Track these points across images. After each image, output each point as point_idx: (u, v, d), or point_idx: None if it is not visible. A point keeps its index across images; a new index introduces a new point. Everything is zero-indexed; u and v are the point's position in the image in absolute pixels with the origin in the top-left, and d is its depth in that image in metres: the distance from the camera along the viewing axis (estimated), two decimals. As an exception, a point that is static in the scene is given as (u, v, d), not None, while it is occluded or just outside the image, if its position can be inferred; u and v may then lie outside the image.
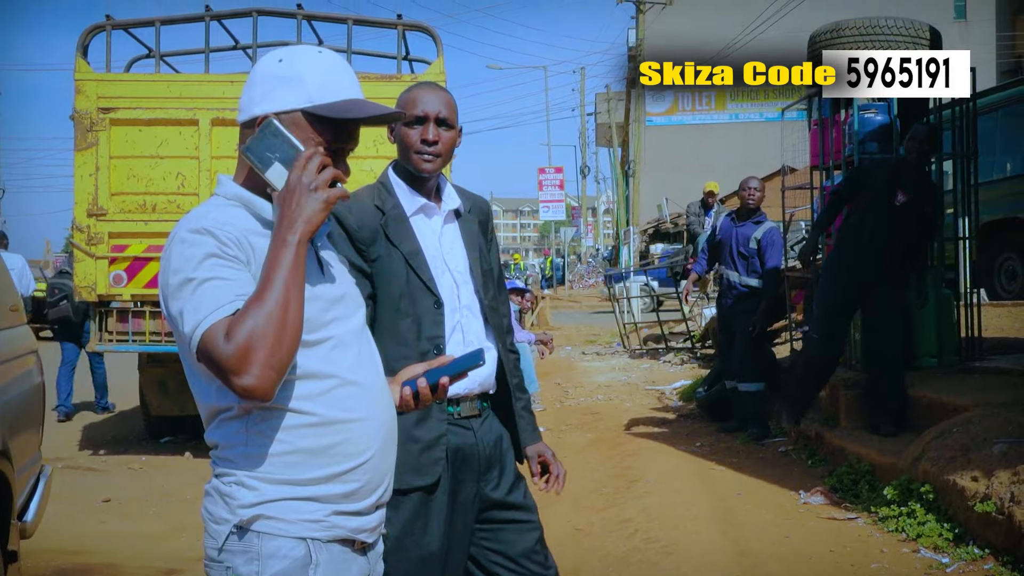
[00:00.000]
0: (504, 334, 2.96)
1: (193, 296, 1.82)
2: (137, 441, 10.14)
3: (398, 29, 9.10)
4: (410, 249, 2.79)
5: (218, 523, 1.91)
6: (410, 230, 2.81)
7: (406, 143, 2.80)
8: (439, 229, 2.86)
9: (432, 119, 2.77)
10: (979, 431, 5.32)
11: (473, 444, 2.81)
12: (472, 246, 2.90)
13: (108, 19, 8.87)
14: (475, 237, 2.92)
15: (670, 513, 5.84)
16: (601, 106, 45.17)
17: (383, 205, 2.82)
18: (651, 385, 11.55)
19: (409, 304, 2.77)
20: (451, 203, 2.89)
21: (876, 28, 7.53)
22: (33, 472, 4.77)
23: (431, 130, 2.77)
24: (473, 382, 2.78)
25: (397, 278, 2.77)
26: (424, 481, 2.72)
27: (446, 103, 2.81)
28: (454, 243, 2.88)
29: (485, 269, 2.91)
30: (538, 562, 2.87)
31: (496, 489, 2.85)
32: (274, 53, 2.03)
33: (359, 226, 2.78)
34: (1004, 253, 12.18)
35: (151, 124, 8.58)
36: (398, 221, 2.80)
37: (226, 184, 2.02)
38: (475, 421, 2.83)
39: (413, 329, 2.77)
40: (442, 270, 2.82)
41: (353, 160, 8.21)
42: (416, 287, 2.77)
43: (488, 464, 2.84)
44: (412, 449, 2.71)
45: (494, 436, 2.88)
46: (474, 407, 2.83)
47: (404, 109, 2.78)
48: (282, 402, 1.89)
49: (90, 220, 8.51)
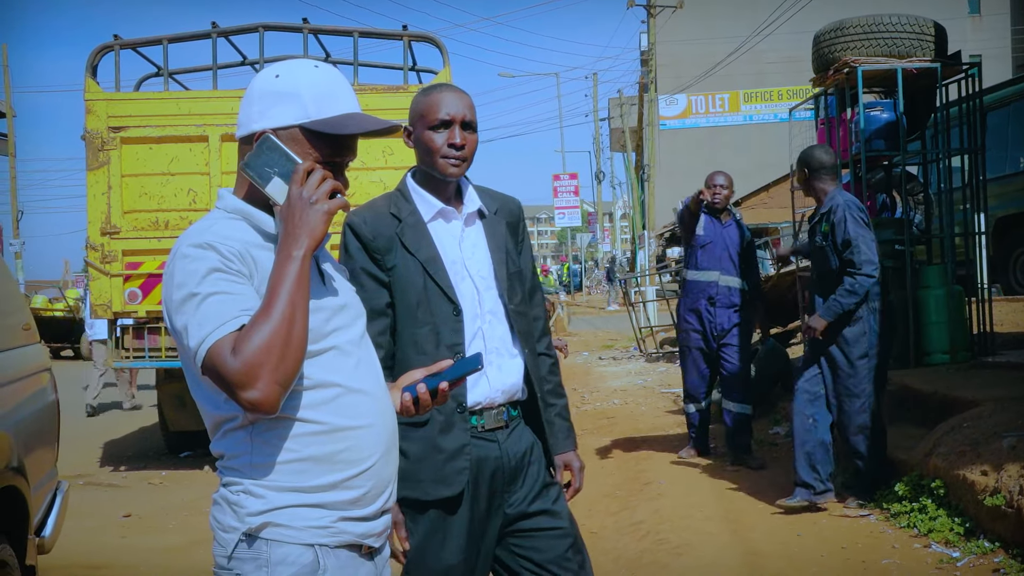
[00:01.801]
0: (534, 338, 2.89)
1: (197, 311, 1.84)
2: (157, 456, 10.23)
3: (404, 40, 9.17)
4: (427, 255, 2.73)
5: (227, 531, 1.94)
6: (428, 236, 2.75)
7: (431, 147, 2.72)
8: (459, 233, 2.80)
9: (458, 122, 2.71)
10: (989, 426, 5.32)
11: (498, 457, 2.74)
12: (498, 248, 2.82)
13: (116, 39, 8.96)
14: (501, 239, 2.84)
15: (682, 515, 5.85)
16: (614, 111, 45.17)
17: (399, 212, 2.77)
18: (666, 388, 11.55)
19: (427, 312, 2.72)
20: (473, 205, 2.82)
21: (880, 26, 7.54)
22: (50, 488, 4.84)
23: (458, 133, 2.70)
24: (494, 391, 2.74)
25: (414, 286, 2.72)
26: (449, 491, 2.69)
27: (469, 106, 2.75)
28: (477, 246, 2.81)
29: (512, 271, 2.83)
30: (571, 569, 2.80)
31: (521, 500, 2.78)
32: (271, 69, 2.04)
33: (374, 235, 2.74)
34: (1019, 248, 12.13)
35: (161, 142, 8.68)
36: (415, 228, 2.75)
37: (227, 198, 2.04)
38: (501, 433, 2.76)
39: (432, 338, 2.72)
40: (462, 275, 2.76)
41: (363, 171, 8.29)
42: (434, 294, 2.72)
43: (513, 476, 2.77)
44: (437, 459, 2.69)
45: (523, 447, 2.80)
46: (499, 418, 2.76)
47: (425, 112, 2.73)
48: (287, 411, 1.91)
49: (104, 239, 8.61)
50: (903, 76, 7.51)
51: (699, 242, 7.29)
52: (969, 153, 8.12)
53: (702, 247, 7.28)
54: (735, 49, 29.35)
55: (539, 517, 2.80)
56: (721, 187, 7.24)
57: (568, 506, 2.88)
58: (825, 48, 7.86)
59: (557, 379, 3.00)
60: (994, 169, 11.57)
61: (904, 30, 7.51)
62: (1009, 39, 37.66)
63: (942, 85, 7.85)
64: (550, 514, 2.81)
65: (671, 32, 34.29)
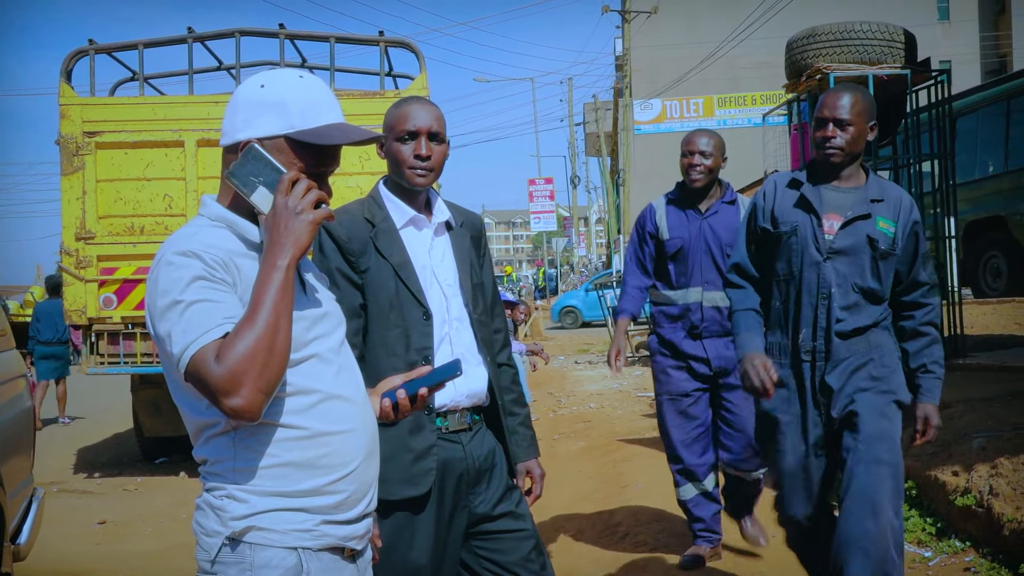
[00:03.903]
0: (495, 349, 2.97)
1: (181, 318, 1.85)
2: (131, 463, 10.17)
3: (380, 46, 9.18)
4: (399, 260, 2.81)
5: (210, 536, 1.95)
6: (400, 242, 2.83)
7: (398, 158, 2.82)
8: (429, 242, 2.88)
9: (424, 134, 2.80)
10: (959, 427, 5.41)
11: (462, 458, 2.81)
12: (463, 259, 2.91)
13: (91, 43, 8.92)
14: (466, 251, 2.93)
15: (659, 517, 5.90)
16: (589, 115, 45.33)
17: (373, 218, 2.84)
18: (643, 392, 11.60)
19: (398, 315, 2.79)
20: (441, 216, 2.90)
21: (851, 33, 7.62)
22: (25, 495, 4.82)
23: (424, 145, 2.79)
24: (459, 395, 2.80)
25: (386, 289, 2.79)
26: (416, 491, 2.74)
27: (436, 117, 2.83)
28: (444, 256, 2.89)
29: (475, 283, 2.92)
30: (533, 571, 2.85)
31: (485, 502, 2.85)
32: (256, 78, 2.06)
33: (348, 237, 2.81)
34: (989, 251, 12.29)
35: (137, 147, 8.64)
36: (388, 233, 2.83)
37: (210, 205, 2.06)
38: (464, 435, 2.83)
39: (402, 340, 2.78)
40: (431, 282, 2.83)
41: (339, 176, 8.25)
42: (405, 298, 2.79)
43: (477, 478, 2.84)
44: (405, 459, 2.74)
45: (486, 450, 2.87)
46: (463, 421, 2.83)
47: (394, 124, 2.82)
48: (269, 417, 1.93)
49: (79, 244, 8.57)
50: (874, 83, 7.59)
51: (667, 249, 4.97)
52: (939, 158, 8.23)
53: (672, 256, 4.97)
54: (710, 54, 29.51)
55: (503, 519, 2.86)
56: (702, 154, 4.89)
57: (549, 505, 2.95)
58: (797, 54, 7.94)
59: (519, 390, 3.07)
60: (964, 174, 11.73)
61: (875, 37, 7.60)
62: (978, 45, 38.07)
63: (912, 91, 7.95)
64: (513, 516, 2.88)
65: (646, 37, 34.40)
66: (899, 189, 3.65)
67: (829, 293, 3.52)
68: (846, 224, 3.52)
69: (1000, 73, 32.36)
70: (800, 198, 3.59)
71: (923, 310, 3.60)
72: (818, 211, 3.54)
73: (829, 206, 3.56)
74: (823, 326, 3.53)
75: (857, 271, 3.52)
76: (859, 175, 3.63)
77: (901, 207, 3.57)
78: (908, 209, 3.57)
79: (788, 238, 3.60)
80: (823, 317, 3.53)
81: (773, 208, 3.68)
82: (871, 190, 3.57)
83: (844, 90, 3.56)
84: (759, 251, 3.74)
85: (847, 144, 3.52)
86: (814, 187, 3.60)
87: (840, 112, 3.51)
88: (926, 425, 3.52)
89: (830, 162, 3.55)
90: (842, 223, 3.53)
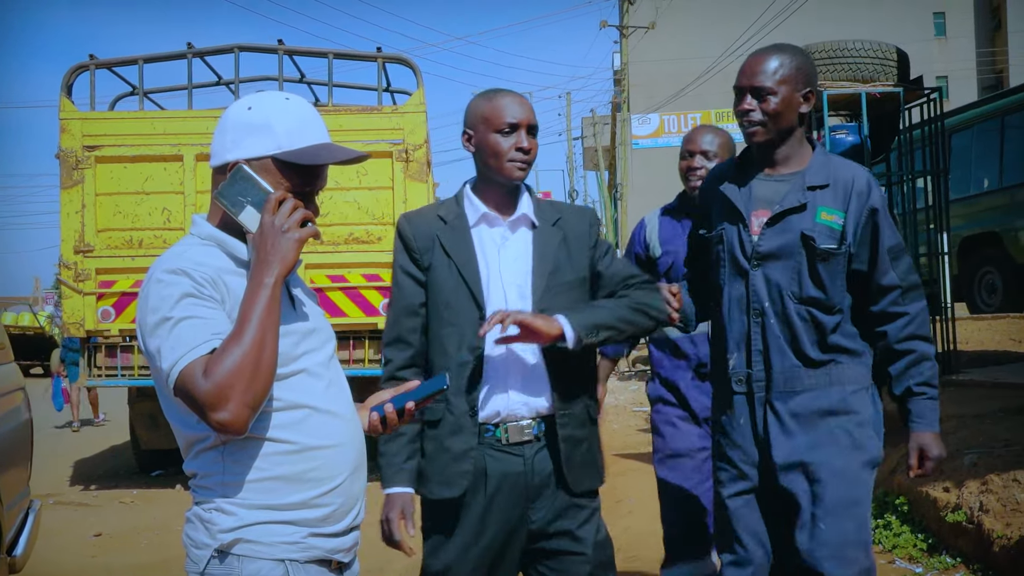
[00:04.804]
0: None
1: (170, 335, 1.89)
2: (128, 475, 10.18)
3: (378, 62, 9.24)
4: (463, 258, 2.75)
5: (199, 548, 1.99)
6: (468, 240, 2.78)
7: (497, 151, 2.73)
8: (501, 240, 2.80)
9: (524, 127, 2.73)
10: (951, 443, 5.42)
11: (520, 472, 2.71)
12: (543, 259, 2.78)
13: (92, 58, 8.98)
14: (551, 250, 2.79)
15: (653, 532, 5.89)
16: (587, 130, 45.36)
17: (446, 215, 2.81)
18: (639, 407, 11.63)
19: (453, 313, 2.74)
20: (521, 212, 2.81)
21: (844, 51, 7.69)
22: (22, 507, 4.85)
23: (524, 138, 2.73)
24: (516, 403, 2.71)
25: (446, 286, 2.75)
26: (450, 492, 2.71)
27: (532, 111, 2.77)
28: (519, 255, 2.79)
29: (560, 282, 2.77)
30: None
31: (544, 519, 2.74)
32: (243, 100, 2.10)
33: (414, 235, 2.80)
34: (984, 267, 12.32)
35: (136, 161, 8.68)
36: (457, 230, 2.79)
37: (200, 224, 2.10)
38: (528, 447, 2.72)
39: (455, 339, 2.73)
40: (496, 281, 2.75)
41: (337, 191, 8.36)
42: (463, 296, 2.74)
43: (538, 492, 2.73)
44: (442, 459, 2.72)
45: (552, 463, 2.74)
46: (524, 432, 2.72)
47: (490, 117, 2.74)
48: (258, 431, 1.97)
49: (77, 257, 8.60)
50: (867, 100, 7.65)
51: (660, 268, 4.19)
52: (932, 175, 8.27)
53: (665, 275, 4.12)
54: (707, 69, 29.62)
55: (559, 539, 2.75)
56: (704, 155, 4.02)
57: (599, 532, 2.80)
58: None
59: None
60: (960, 190, 11.79)
61: (867, 55, 7.66)
62: (974, 61, 38.25)
63: (905, 109, 8.01)
64: (572, 537, 2.75)
65: (643, 52, 34.53)
66: (853, 167, 2.92)
67: (762, 308, 2.86)
68: (774, 220, 2.85)
69: (997, 88, 32.49)
70: (719, 195, 2.97)
71: (898, 322, 2.85)
72: (742, 209, 2.90)
73: (759, 201, 2.89)
74: (759, 348, 2.88)
75: (792, 278, 2.84)
76: (800, 156, 2.92)
77: (853, 191, 2.83)
78: (863, 192, 2.83)
79: (715, 244, 2.98)
80: (757, 338, 2.87)
81: (710, 208, 3.06)
82: (812, 174, 2.87)
83: (765, 51, 2.92)
84: (698, 261, 3.15)
85: (769, 118, 2.85)
86: (742, 178, 2.95)
87: (757, 79, 2.86)
88: (922, 457, 2.85)
89: (752, 142, 2.91)
90: (767, 219, 2.86)
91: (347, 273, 8.61)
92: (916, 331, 2.87)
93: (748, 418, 2.90)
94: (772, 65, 2.85)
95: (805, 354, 2.83)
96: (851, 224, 2.82)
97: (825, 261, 2.81)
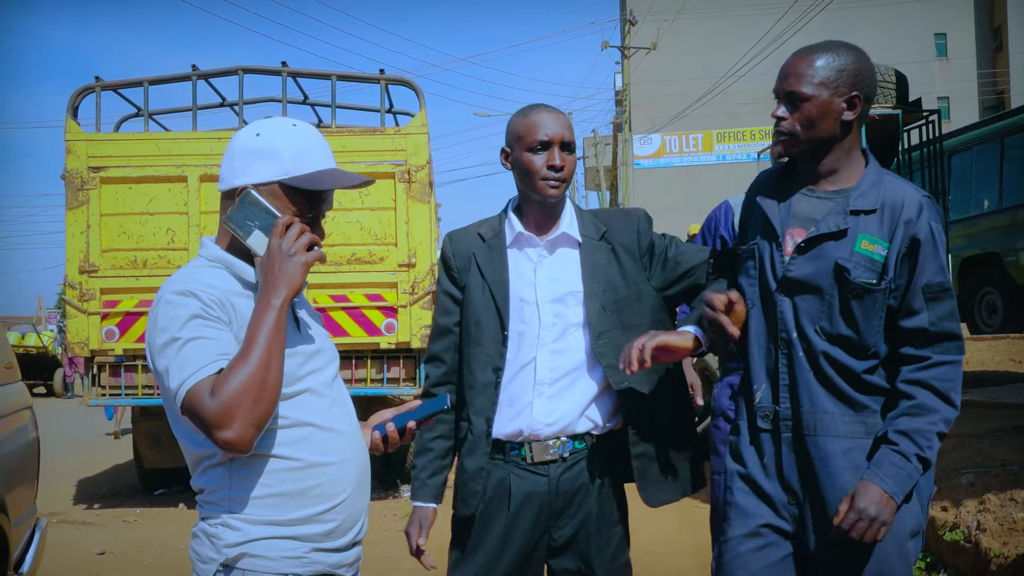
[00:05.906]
0: None
1: (179, 355, 1.95)
2: (131, 494, 10.18)
3: (381, 83, 9.31)
4: (496, 278, 2.75)
5: (205, 562, 2.03)
6: (503, 259, 2.77)
7: (530, 169, 2.71)
8: (537, 259, 2.77)
9: (557, 144, 2.69)
10: (948, 463, 5.47)
11: (545, 492, 2.71)
12: (594, 276, 2.74)
13: (97, 80, 9.04)
14: (601, 267, 2.75)
15: (652, 551, 5.94)
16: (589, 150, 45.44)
17: (486, 234, 2.81)
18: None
19: (480, 332, 2.75)
20: (565, 230, 2.77)
21: (843, 73, 7.76)
22: (29, 525, 4.88)
23: (557, 155, 2.69)
24: (538, 423, 2.70)
25: (478, 305, 2.76)
26: (465, 511, 2.75)
27: (567, 126, 2.73)
28: (558, 275, 2.76)
29: (614, 300, 2.73)
30: None
31: (563, 536, 2.74)
32: (251, 127, 2.16)
33: (454, 254, 2.82)
34: (984, 287, 12.35)
35: (141, 182, 8.72)
36: (494, 250, 2.78)
37: (209, 247, 2.16)
38: (553, 467, 2.71)
39: (480, 358, 2.75)
40: (529, 302, 2.73)
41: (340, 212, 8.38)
42: (491, 316, 2.74)
43: (561, 512, 2.73)
44: (461, 478, 2.77)
45: (580, 484, 2.73)
46: (549, 451, 2.71)
47: (523, 134, 2.72)
48: (263, 449, 2.02)
49: (82, 277, 8.64)
50: (866, 122, 7.73)
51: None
52: (934, 196, 8.34)
53: None
54: (708, 90, 29.76)
55: (572, 560, 2.76)
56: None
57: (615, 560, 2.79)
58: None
59: None
60: (960, 210, 11.84)
61: (866, 77, 7.74)
62: (976, 82, 38.38)
63: (904, 130, 8.08)
64: (584, 561, 2.75)
65: (645, 72, 34.70)
66: (906, 189, 2.47)
67: (789, 339, 2.49)
68: (808, 245, 2.47)
69: (998, 109, 32.60)
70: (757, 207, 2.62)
71: (913, 364, 2.42)
72: (776, 225, 2.52)
73: (797, 218, 2.52)
74: (785, 383, 2.50)
75: (822, 312, 2.45)
76: (849, 171, 2.52)
77: (901, 218, 2.41)
78: (911, 220, 2.40)
79: (746, 259, 2.61)
80: (784, 372, 2.50)
81: (747, 218, 2.71)
82: (858, 195, 2.46)
83: (806, 50, 2.52)
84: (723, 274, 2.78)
85: (802, 129, 2.46)
86: (783, 190, 2.58)
87: (790, 82, 2.48)
88: (848, 507, 2.34)
89: (784, 154, 2.57)
90: (800, 242, 2.48)
91: (350, 293, 8.66)
92: (928, 379, 2.41)
93: (773, 459, 2.53)
94: (810, 66, 2.46)
95: (838, 396, 2.46)
96: (893, 256, 2.41)
97: (860, 298, 2.42)
